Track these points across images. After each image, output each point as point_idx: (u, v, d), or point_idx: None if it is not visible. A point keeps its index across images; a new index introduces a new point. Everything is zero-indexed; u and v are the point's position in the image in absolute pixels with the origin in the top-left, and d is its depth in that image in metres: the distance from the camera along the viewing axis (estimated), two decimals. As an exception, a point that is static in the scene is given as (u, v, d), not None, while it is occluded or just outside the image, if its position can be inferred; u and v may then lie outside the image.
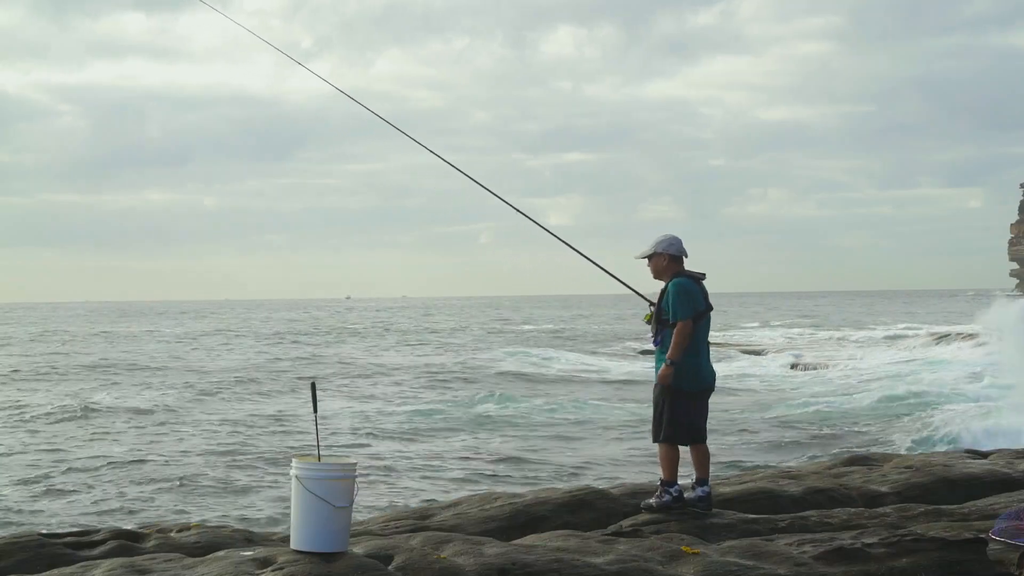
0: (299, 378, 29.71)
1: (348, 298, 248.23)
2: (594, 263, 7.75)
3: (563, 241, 7.97)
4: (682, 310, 6.99)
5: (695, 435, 7.16)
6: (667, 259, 7.22)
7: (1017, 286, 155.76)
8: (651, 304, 7.26)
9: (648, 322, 7.27)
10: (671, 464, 7.16)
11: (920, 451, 14.60)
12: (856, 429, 18.91)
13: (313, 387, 6.11)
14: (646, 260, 7.32)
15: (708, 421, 7.29)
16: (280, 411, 21.99)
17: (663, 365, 7.05)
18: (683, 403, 7.07)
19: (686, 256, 7.28)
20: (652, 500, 7.20)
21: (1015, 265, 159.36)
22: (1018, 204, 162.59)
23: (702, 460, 7.18)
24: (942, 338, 38.01)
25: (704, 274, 7.30)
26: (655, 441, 7.28)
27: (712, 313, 7.31)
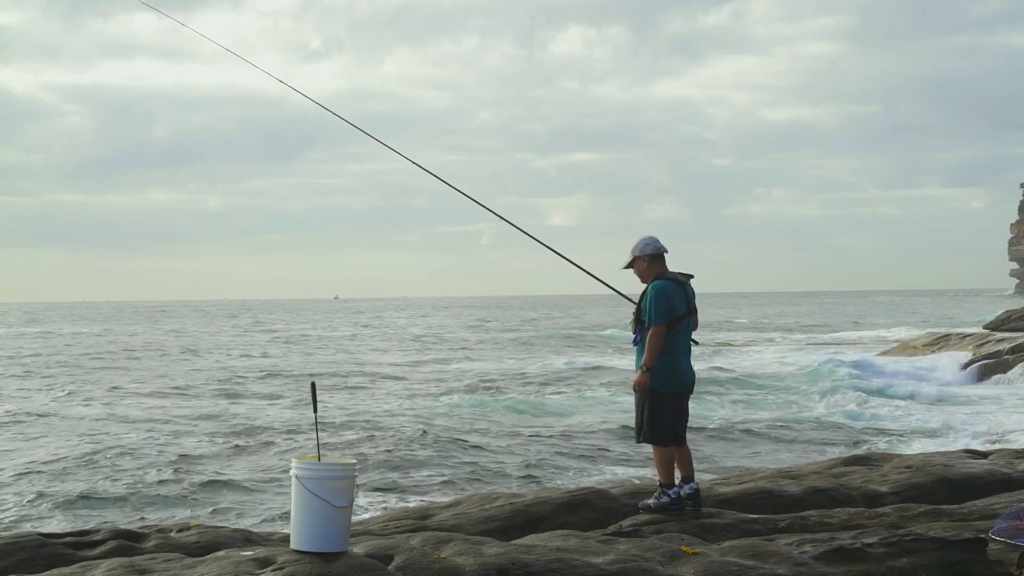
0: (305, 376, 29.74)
1: (336, 298, 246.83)
2: (574, 264, 7.79)
3: (538, 240, 8.00)
4: (657, 315, 7.01)
5: (675, 436, 7.22)
6: (647, 260, 7.23)
7: (1017, 286, 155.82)
8: (636, 305, 7.29)
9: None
10: (667, 466, 7.21)
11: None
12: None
13: (313, 387, 6.11)
14: (631, 269, 7.34)
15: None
16: (279, 410, 22.00)
17: (637, 372, 7.11)
18: (662, 404, 7.11)
19: (666, 252, 7.27)
20: (651, 501, 7.24)
21: (1015, 265, 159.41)
22: (1018, 204, 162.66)
23: (684, 459, 7.27)
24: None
25: (691, 275, 7.29)
26: (638, 442, 7.41)
27: (696, 314, 7.34)
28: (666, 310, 7.02)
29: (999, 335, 33.90)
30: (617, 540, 6.30)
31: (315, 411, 6.03)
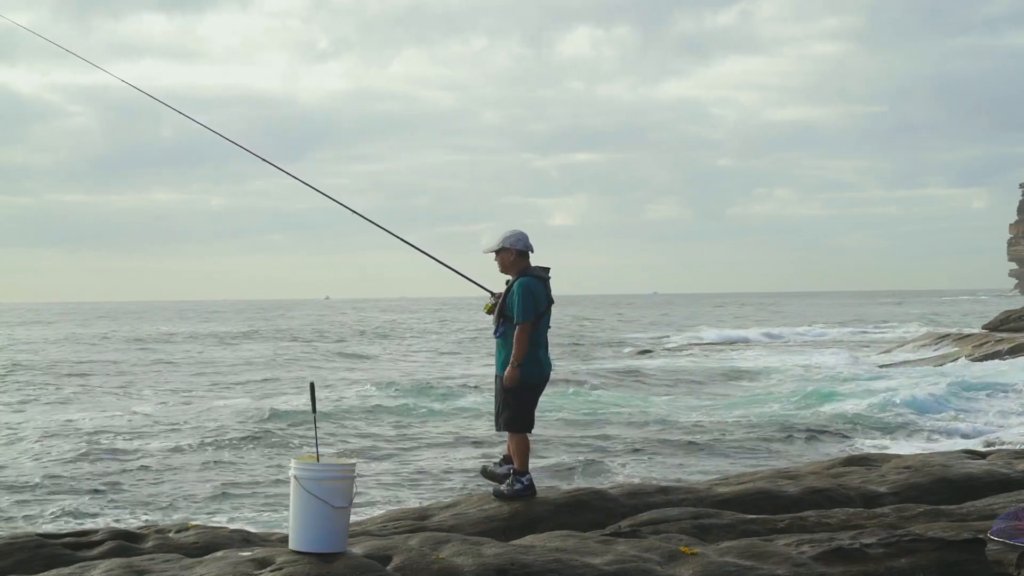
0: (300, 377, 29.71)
1: (327, 298, 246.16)
2: (437, 260, 7.90)
3: (408, 243, 8.23)
4: (525, 312, 7.25)
5: (531, 425, 7.50)
6: (514, 254, 7.45)
7: (1017, 286, 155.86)
8: (492, 295, 7.53)
9: (489, 312, 7.54)
10: (525, 454, 7.47)
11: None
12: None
13: (312, 387, 6.12)
14: (493, 254, 7.53)
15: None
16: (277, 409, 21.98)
17: (508, 367, 7.30)
18: (528, 395, 7.39)
19: (532, 251, 7.50)
20: (503, 487, 7.48)
21: (1015, 265, 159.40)
22: (1018, 204, 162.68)
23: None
24: None
25: (548, 268, 7.55)
26: (498, 430, 7.61)
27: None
28: (532, 307, 7.27)
29: (999, 335, 33.88)
30: (616, 540, 6.30)
31: (314, 411, 6.04)
